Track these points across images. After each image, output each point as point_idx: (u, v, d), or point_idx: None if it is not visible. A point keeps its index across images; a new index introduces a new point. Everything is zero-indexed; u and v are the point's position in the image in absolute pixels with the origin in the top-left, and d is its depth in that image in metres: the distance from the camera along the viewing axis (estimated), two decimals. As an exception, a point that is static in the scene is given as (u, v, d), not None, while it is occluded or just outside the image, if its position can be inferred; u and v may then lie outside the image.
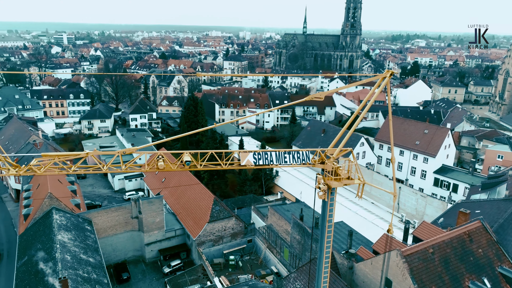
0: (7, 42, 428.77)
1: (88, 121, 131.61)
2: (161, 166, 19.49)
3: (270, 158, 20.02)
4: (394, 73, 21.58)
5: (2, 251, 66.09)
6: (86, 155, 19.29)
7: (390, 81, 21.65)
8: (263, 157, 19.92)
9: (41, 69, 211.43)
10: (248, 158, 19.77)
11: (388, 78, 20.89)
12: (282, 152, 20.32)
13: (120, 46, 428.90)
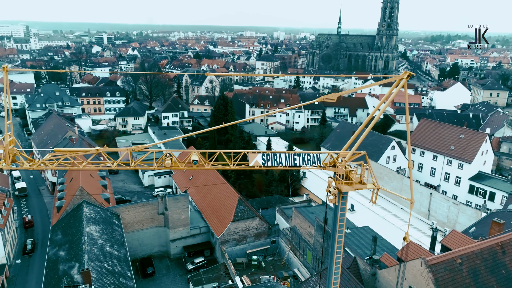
0: (52, 42, 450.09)
1: (122, 118, 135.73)
2: (167, 165, 19.68)
3: (279, 159, 19.74)
4: (412, 74, 20.71)
5: (37, 240, 69.42)
6: (96, 151, 19.76)
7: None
8: (272, 158, 19.67)
9: (81, 68, 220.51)
10: (257, 159, 19.59)
11: (405, 79, 20.06)
12: (292, 153, 19.98)
13: (157, 46, 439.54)
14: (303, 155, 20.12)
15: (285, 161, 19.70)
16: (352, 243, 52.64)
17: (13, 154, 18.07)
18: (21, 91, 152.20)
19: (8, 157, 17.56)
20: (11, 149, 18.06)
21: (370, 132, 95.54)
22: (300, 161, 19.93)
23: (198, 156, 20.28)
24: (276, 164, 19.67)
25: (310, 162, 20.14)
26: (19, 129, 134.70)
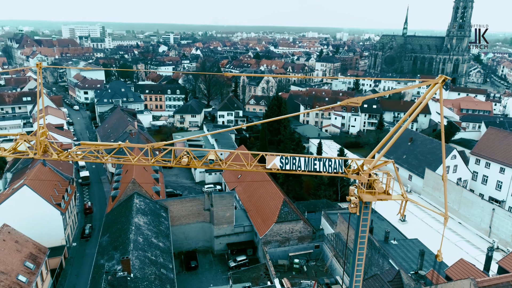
0: (124, 41, 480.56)
1: (180, 115, 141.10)
2: (183, 162, 19.95)
3: (298, 163, 19.13)
4: (447, 79, 18.99)
5: (94, 226, 74.43)
6: (118, 146, 20.60)
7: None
8: (291, 162, 19.12)
9: (146, 66, 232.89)
10: (274, 162, 19.17)
11: (440, 84, 18.45)
12: (312, 158, 19.27)
13: (219, 46, 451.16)
14: (324, 160, 19.35)
15: (304, 166, 19.08)
16: (397, 255, 49.98)
17: (44, 145, 19.49)
18: (92, 87, 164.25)
19: (39, 148, 19.01)
20: (42, 140, 19.48)
21: (429, 139, 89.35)
22: (320, 167, 19.18)
23: (215, 156, 20.33)
24: (294, 168, 19.12)
25: (331, 168, 19.32)
26: (88, 121, 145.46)
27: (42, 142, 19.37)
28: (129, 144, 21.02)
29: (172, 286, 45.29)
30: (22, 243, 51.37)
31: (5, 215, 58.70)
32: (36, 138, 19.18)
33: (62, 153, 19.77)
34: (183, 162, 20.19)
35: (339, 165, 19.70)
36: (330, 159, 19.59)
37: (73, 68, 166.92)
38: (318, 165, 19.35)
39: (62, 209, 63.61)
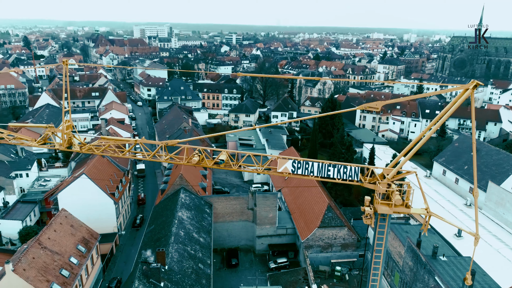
0: (188, 41, 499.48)
1: (235, 114, 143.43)
2: (194, 161, 20.01)
3: (311, 168, 18.33)
4: (480, 84, 17.05)
5: (145, 217, 78.11)
6: (135, 142, 21.21)
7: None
8: (303, 167, 18.37)
9: (207, 66, 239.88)
10: (286, 165, 18.55)
11: (470, 90, 16.62)
12: (327, 164, 18.35)
13: (280, 46, 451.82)
14: (338, 167, 18.39)
15: (317, 172, 18.26)
16: (445, 273, 46.43)
17: (69, 137, 20.72)
18: (155, 84, 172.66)
19: (65, 140, 20.25)
20: (68, 133, 20.71)
21: (495, 150, 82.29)
22: (335, 173, 18.22)
23: (226, 157, 20.19)
24: (306, 173, 18.39)
25: (346, 175, 18.29)
26: (149, 117, 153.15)
27: (67, 135, 20.72)
28: (145, 140, 21.71)
29: (208, 282, 46.08)
30: (77, 228, 55.29)
31: (65, 200, 63.74)
32: (62, 131, 20.55)
33: (85, 146, 20.98)
34: (193, 161, 20.39)
35: (354, 173, 18.65)
36: (346, 166, 18.61)
37: (138, 67, 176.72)
38: (332, 171, 18.46)
39: (115, 199, 67.52)
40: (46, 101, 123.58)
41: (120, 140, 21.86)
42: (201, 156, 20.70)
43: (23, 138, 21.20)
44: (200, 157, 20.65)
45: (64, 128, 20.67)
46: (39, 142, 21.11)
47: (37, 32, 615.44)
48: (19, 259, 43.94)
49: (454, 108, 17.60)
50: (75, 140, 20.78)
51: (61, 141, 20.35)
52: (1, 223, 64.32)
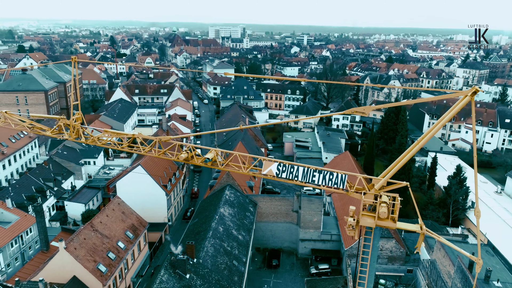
0: (260, 42, 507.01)
1: (295, 115, 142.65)
2: (181, 158, 20.20)
3: (295, 173, 17.54)
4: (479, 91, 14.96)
5: (196, 210, 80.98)
6: (133, 136, 22.02)
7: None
8: (288, 170, 17.63)
9: (273, 66, 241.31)
10: (271, 168, 17.96)
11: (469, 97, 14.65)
12: (312, 169, 17.41)
13: (352, 48, 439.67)
14: (324, 173, 17.37)
15: (302, 176, 17.46)
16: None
17: (77, 129, 22.23)
18: (220, 83, 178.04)
19: (72, 131, 21.79)
20: (76, 124, 22.24)
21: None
22: (320, 179, 17.25)
23: (213, 156, 20.14)
24: (291, 178, 17.67)
25: (332, 183, 17.26)
26: (212, 114, 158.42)
27: (76, 126, 22.37)
28: (142, 135, 22.57)
29: (240, 279, 46.56)
30: (127, 215, 59.13)
31: (122, 189, 68.50)
32: (70, 122, 22.24)
33: (89, 138, 22.48)
34: (180, 158, 20.73)
35: (340, 181, 17.52)
36: (332, 173, 17.57)
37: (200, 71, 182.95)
38: (317, 177, 17.56)
39: (167, 191, 70.98)
40: (120, 96, 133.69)
41: (120, 133, 23.15)
42: (190, 154, 21.06)
43: (41, 128, 23.62)
44: (189, 154, 21.02)
45: (72, 120, 22.49)
46: (53, 132, 23.29)
47: (124, 32, 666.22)
48: (72, 238, 48.19)
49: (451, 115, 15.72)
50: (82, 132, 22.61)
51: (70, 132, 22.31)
52: (68, 204, 70.94)
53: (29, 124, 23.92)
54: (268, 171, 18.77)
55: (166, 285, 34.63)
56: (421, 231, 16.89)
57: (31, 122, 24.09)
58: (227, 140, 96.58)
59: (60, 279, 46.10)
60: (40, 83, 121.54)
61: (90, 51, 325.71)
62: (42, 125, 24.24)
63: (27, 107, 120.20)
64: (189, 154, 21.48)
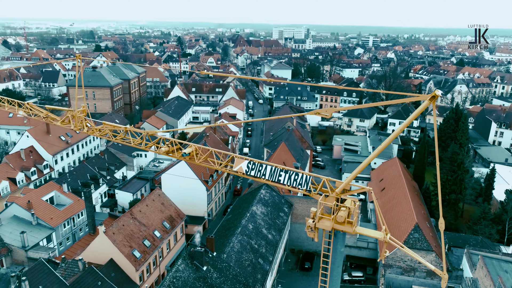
0: (323, 43, 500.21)
1: (349, 118, 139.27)
2: (161, 151, 20.95)
3: (263, 171, 17.39)
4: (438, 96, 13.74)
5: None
6: (125, 129, 23.26)
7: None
8: (257, 169, 17.54)
9: (331, 67, 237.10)
10: (241, 165, 18.01)
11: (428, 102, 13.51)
12: (279, 169, 17.17)
13: (421, 50, 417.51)
14: (290, 173, 17.05)
15: (269, 175, 17.32)
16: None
17: (80, 121, 24.11)
18: (276, 84, 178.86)
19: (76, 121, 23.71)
20: (80, 116, 24.13)
21: None
22: (285, 179, 16.98)
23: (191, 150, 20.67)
24: (259, 176, 17.59)
25: (296, 183, 16.91)
26: (266, 114, 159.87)
27: (79, 118, 24.33)
28: (133, 128, 23.84)
29: (263, 277, 46.98)
30: (167, 206, 62.22)
31: (167, 181, 72.17)
32: (75, 114, 24.25)
33: (90, 129, 24.33)
34: (160, 151, 21.58)
35: (305, 181, 17.11)
36: (298, 173, 17.23)
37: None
38: (283, 177, 17.35)
39: (208, 186, 73.38)
40: (177, 93, 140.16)
41: (114, 126, 24.76)
42: (171, 148, 22.01)
43: (54, 118, 26.23)
44: (170, 149, 21.95)
45: (76, 112, 24.61)
46: (63, 122, 25.72)
47: (192, 33, 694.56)
48: (111, 224, 51.95)
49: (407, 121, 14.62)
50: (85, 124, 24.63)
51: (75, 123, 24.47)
52: (118, 193, 76.25)
53: (45, 115, 26.80)
54: (238, 168, 19.10)
55: (182, 274, 36.18)
56: (383, 239, 16.06)
57: (47, 113, 26.93)
58: (273, 140, 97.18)
59: (99, 260, 49.97)
60: (106, 80, 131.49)
61: (159, 51, 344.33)
62: (54, 116, 27.03)
63: (94, 101, 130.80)
64: (170, 148, 22.57)
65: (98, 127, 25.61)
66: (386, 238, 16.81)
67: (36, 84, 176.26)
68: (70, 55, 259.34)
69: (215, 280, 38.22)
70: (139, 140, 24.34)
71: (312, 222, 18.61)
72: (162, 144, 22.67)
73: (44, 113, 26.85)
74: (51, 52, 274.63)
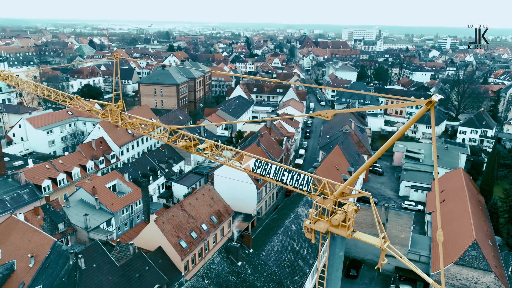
0: (395, 45, 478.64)
1: (414, 124, 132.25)
2: (179, 145, 21.61)
3: (268, 170, 17.25)
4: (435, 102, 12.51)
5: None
6: (152, 123, 24.38)
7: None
8: (263, 167, 17.43)
9: (400, 70, 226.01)
10: (249, 163, 18.04)
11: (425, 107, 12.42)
12: (283, 168, 16.89)
13: (507, 53, 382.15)
14: (293, 173, 16.71)
15: (274, 174, 17.17)
16: None
17: (116, 114, 25.86)
18: (340, 86, 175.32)
19: (113, 115, 25.51)
20: (116, 110, 25.87)
21: None
22: (288, 179, 16.68)
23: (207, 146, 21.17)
24: (264, 174, 17.52)
25: (298, 183, 16.51)
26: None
27: (116, 112, 26.12)
28: (159, 123, 24.91)
29: (302, 279, 46.79)
30: (216, 201, 64.33)
31: (219, 177, 74.49)
32: (112, 107, 26.07)
33: (124, 122, 26.00)
34: (178, 145, 22.32)
35: (306, 182, 16.66)
36: (300, 174, 16.85)
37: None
38: (286, 176, 17.09)
39: (258, 185, 74.43)
40: (239, 93, 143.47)
41: (143, 120, 26.14)
42: (189, 143, 22.75)
43: (96, 111, 28.64)
44: (188, 144, 22.68)
45: (113, 106, 26.53)
46: (103, 115, 27.96)
47: (261, 34, 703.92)
48: (162, 214, 55.06)
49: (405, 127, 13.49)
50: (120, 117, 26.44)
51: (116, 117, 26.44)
52: (174, 185, 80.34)
53: (89, 108, 29.47)
54: (246, 165, 19.35)
55: (216, 267, 37.39)
56: (380, 246, 15.21)
57: (91, 107, 29.58)
58: (329, 143, 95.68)
59: (149, 247, 53.29)
60: (174, 78, 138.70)
61: (227, 51, 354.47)
62: (96, 109, 29.61)
63: (161, 98, 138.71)
64: (188, 143, 23.50)
65: (131, 120, 27.71)
66: (383, 246, 16.10)
67: (113, 80, 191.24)
68: (145, 55, 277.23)
69: (248, 276, 38.94)
70: (164, 134, 25.91)
71: (309, 223, 18.41)
72: (181, 139, 23.95)
73: (88, 106, 29.73)
74: (128, 51, 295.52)
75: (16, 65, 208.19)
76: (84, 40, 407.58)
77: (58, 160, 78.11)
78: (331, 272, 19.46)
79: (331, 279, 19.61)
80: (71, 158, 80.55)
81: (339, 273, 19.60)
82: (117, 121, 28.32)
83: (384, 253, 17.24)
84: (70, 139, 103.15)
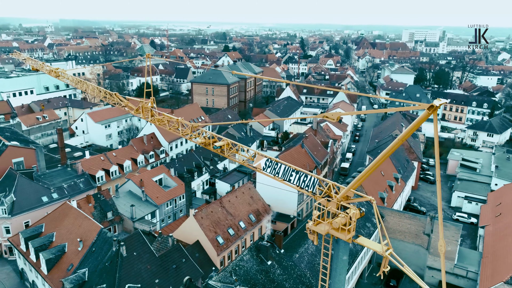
0: (460, 47, 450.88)
1: (474, 131, 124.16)
2: (197, 141, 21.97)
3: (277, 169, 17.03)
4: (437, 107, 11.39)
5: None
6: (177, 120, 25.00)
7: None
8: (272, 166, 17.25)
9: (463, 73, 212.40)
10: (260, 162, 18.00)
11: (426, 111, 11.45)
12: (292, 168, 16.57)
13: None
14: (300, 173, 16.33)
15: (282, 174, 16.95)
16: None
17: (147, 111, 26.94)
18: (394, 89, 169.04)
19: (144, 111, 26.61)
20: (147, 107, 26.96)
21: None
22: (295, 179, 16.35)
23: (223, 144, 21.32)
24: (273, 174, 17.32)
25: (304, 184, 16.10)
26: (378, 121, 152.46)
27: (147, 108, 27.23)
28: (183, 120, 25.50)
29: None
30: (255, 200, 65.06)
31: (261, 177, 74.82)
32: (143, 104, 27.23)
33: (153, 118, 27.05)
34: (196, 141, 22.71)
35: (312, 184, 16.17)
36: (307, 175, 16.43)
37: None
38: (294, 177, 16.78)
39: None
40: (288, 94, 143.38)
41: (170, 117, 26.95)
42: (207, 141, 23.06)
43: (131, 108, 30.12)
44: (206, 141, 23.01)
45: (144, 103, 27.74)
46: (136, 111, 29.35)
47: (318, 35, 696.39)
48: (201, 209, 56.76)
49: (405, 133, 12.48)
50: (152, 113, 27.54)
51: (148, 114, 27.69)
52: (218, 182, 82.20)
53: (125, 104, 31.20)
54: (257, 164, 19.42)
55: (245, 264, 37.88)
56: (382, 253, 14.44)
57: (127, 103, 31.33)
58: (377, 147, 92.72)
59: (187, 240, 55.21)
60: (225, 78, 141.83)
61: (281, 52, 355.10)
62: (131, 105, 31.27)
63: (213, 97, 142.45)
64: (206, 141, 24.01)
65: (160, 117, 29.02)
66: (385, 254, 15.45)
67: (169, 79, 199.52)
68: (201, 55, 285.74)
69: (277, 276, 39.02)
70: (188, 131, 26.81)
71: (311, 225, 18.14)
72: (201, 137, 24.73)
73: (125, 102, 31.60)
74: (186, 51, 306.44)
75: (83, 63, 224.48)
76: (146, 40, 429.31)
77: (112, 153, 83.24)
78: (334, 276, 19.09)
79: (334, 283, 19.22)
80: (124, 151, 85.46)
81: (342, 277, 19.15)
82: (148, 117, 29.95)
83: (387, 260, 16.63)
84: (126, 134, 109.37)
